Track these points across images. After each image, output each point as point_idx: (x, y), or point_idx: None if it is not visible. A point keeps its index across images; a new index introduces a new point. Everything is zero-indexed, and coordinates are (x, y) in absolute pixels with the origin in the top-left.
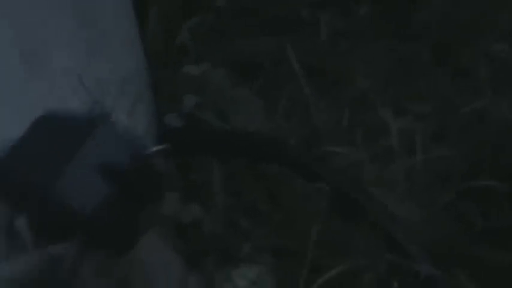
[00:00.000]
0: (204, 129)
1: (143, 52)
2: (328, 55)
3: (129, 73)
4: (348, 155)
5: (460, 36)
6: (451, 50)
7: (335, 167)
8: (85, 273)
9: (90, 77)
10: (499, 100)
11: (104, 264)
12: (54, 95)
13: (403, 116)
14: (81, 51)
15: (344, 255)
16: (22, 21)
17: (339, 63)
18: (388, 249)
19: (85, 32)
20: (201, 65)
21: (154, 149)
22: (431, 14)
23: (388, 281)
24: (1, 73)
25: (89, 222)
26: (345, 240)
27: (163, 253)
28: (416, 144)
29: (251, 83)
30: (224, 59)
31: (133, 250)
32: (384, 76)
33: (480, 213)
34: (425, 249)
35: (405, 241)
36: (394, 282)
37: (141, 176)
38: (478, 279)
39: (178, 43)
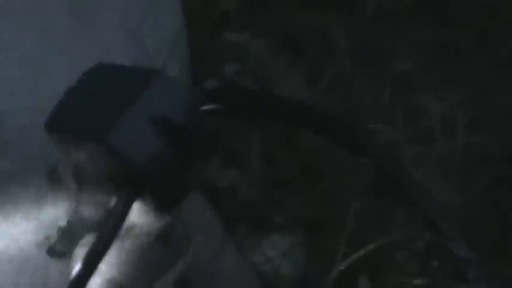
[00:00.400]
0: (245, 90)
1: (182, 14)
2: (372, 33)
3: (168, 33)
4: (386, 134)
5: (506, 24)
6: (495, 37)
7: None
8: (129, 226)
9: (137, 34)
10: None
11: (147, 219)
12: (101, 48)
13: (443, 99)
14: (126, 5)
15: (381, 232)
16: None
17: (382, 42)
18: (426, 228)
19: None
20: (242, 34)
21: (208, 107)
22: None
23: (425, 260)
24: (49, 21)
25: (139, 174)
26: (383, 217)
27: (205, 214)
28: (456, 129)
29: (292, 56)
30: (266, 29)
31: (178, 208)
32: (425, 59)
33: None
34: (460, 232)
35: (444, 222)
36: (433, 261)
37: (195, 133)
38: (508, 266)
39: (220, 9)
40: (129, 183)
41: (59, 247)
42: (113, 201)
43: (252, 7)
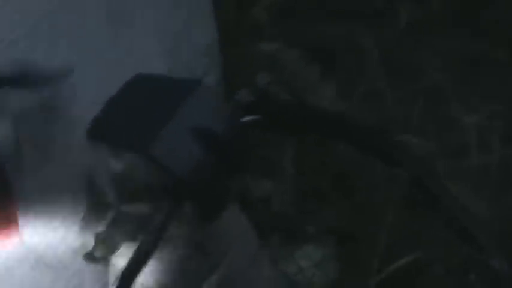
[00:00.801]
0: (282, 102)
1: (215, 25)
2: (403, 46)
3: (202, 43)
4: (419, 146)
5: None
6: None
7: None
8: (168, 236)
9: (173, 44)
10: None
11: (186, 229)
12: (138, 57)
13: (476, 112)
14: (162, 15)
15: (417, 245)
16: None
17: (413, 54)
18: (462, 242)
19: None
20: (275, 44)
21: (247, 119)
22: (507, 11)
23: (462, 274)
24: (88, 30)
25: (180, 186)
26: (418, 230)
27: (241, 225)
28: (491, 141)
29: (324, 66)
30: (298, 40)
31: (218, 218)
32: (458, 71)
33: None
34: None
35: (481, 235)
36: (471, 275)
37: (235, 144)
38: None
39: (251, 20)
40: (170, 194)
41: (96, 253)
42: (153, 212)
43: (283, 17)
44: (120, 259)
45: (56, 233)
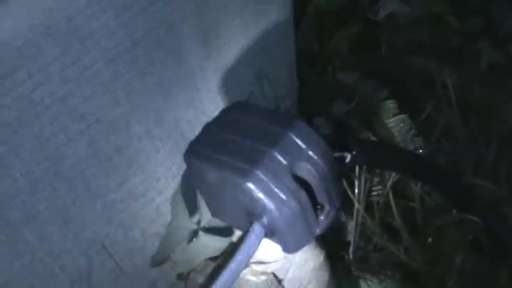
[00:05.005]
0: (356, 137)
1: (294, 52)
2: (481, 87)
3: (282, 69)
4: (489, 190)
5: None
6: None
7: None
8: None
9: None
10: None
11: (266, 257)
12: (225, 77)
13: None
14: (250, 42)
15: None
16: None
17: (490, 96)
18: None
19: (255, 25)
20: (353, 74)
21: (339, 155)
22: None
23: None
24: (182, 49)
25: (271, 217)
26: (487, 276)
27: (318, 259)
28: None
29: (401, 100)
30: (376, 71)
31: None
32: None
33: None
34: None
35: None
36: None
37: (328, 179)
38: None
39: (330, 49)
40: (259, 220)
41: (176, 266)
42: (240, 232)
43: (362, 48)
44: (198, 274)
45: (135, 241)
